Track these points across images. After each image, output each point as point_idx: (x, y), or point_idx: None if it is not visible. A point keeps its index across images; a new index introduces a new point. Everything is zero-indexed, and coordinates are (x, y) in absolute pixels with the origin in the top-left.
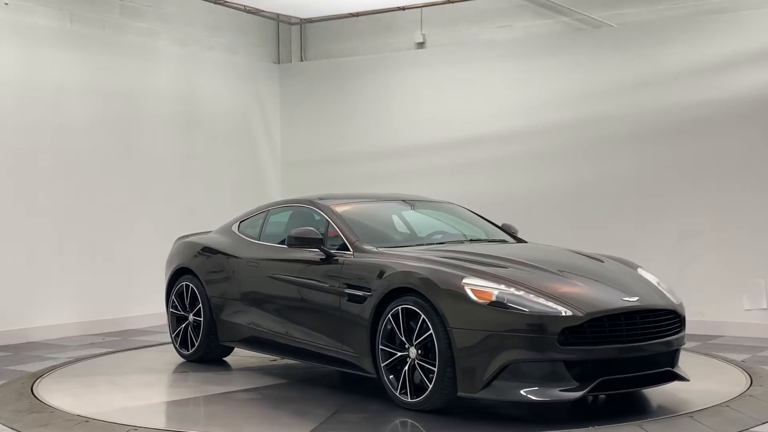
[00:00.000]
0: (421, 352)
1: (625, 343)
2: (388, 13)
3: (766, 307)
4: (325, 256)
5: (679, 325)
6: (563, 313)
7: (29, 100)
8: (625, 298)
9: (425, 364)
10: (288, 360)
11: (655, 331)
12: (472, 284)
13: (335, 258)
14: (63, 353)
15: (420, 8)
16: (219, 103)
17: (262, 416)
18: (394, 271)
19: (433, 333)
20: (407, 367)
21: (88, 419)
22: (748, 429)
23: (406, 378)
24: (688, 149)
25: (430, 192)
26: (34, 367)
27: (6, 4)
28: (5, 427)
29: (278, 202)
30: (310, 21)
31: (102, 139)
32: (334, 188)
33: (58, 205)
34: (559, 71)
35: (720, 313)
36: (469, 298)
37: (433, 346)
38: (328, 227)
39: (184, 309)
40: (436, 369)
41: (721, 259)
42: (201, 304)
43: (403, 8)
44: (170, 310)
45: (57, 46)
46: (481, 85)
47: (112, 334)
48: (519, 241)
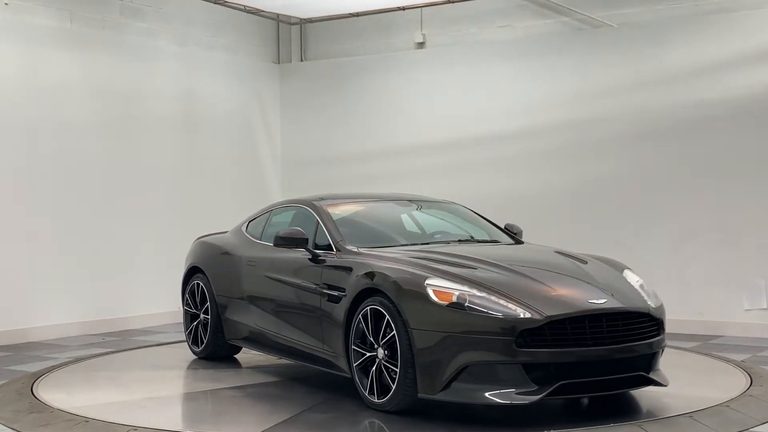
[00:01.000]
0: (387, 352)
1: (590, 347)
2: (388, 13)
3: (766, 307)
4: (312, 256)
5: (657, 329)
6: (521, 316)
7: (29, 100)
8: (592, 301)
9: (390, 365)
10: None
11: (625, 335)
12: (435, 285)
13: (320, 258)
14: (63, 353)
15: (420, 8)
16: (219, 103)
17: (231, 413)
18: (364, 272)
19: (396, 334)
20: (375, 368)
21: (88, 419)
22: (748, 429)
23: (373, 378)
24: (688, 149)
25: (430, 192)
26: (34, 367)
27: (6, 4)
28: (5, 427)
29: (282, 202)
30: (310, 21)
31: (102, 139)
32: (334, 188)
33: (58, 205)
34: (559, 71)
35: (720, 313)
36: (430, 299)
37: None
38: (318, 227)
39: (196, 307)
40: (398, 370)
41: (721, 259)
42: (209, 303)
43: (403, 8)
44: (184, 308)
45: (57, 46)
46: (481, 85)
47: (112, 334)
48: (516, 241)
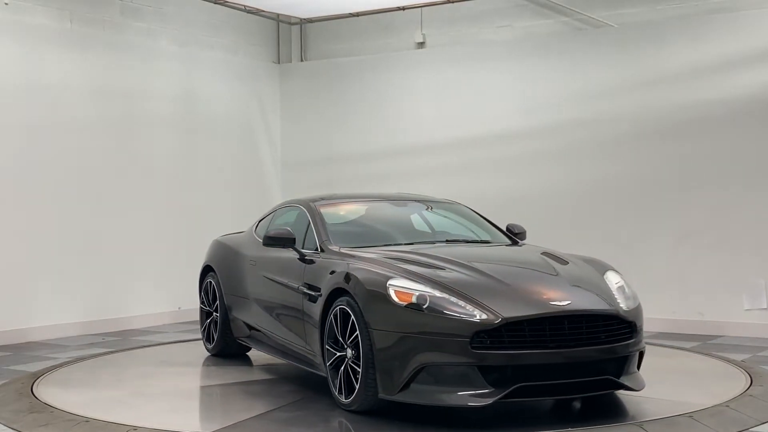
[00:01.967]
0: (354, 352)
1: (550, 349)
2: (388, 13)
3: (766, 307)
4: (299, 256)
5: (629, 332)
6: (477, 317)
7: (29, 100)
8: (554, 303)
9: (356, 366)
10: None
11: (589, 338)
12: (397, 286)
13: (307, 258)
14: (63, 353)
15: (420, 8)
16: (219, 103)
17: (200, 410)
18: (338, 272)
19: (359, 334)
20: (343, 368)
21: (88, 419)
22: (748, 429)
23: (341, 378)
24: (689, 149)
25: (431, 192)
26: (34, 367)
27: (6, 4)
28: (5, 427)
29: (286, 202)
30: (310, 21)
31: (102, 139)
32: (333, 188)
33: (58, 205)
34: (560, 71)
35: (720, 313)
36: (391, 300)
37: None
38: (308, 227)
39: (209, 305)
40: (361, 370)
41: (721, 259)
42: (218, 301)
43: (403, 8)
44: (200, 306)
45: (57, 46)
46: (481, 85)
47: (112, 334)
48: (513, 242)
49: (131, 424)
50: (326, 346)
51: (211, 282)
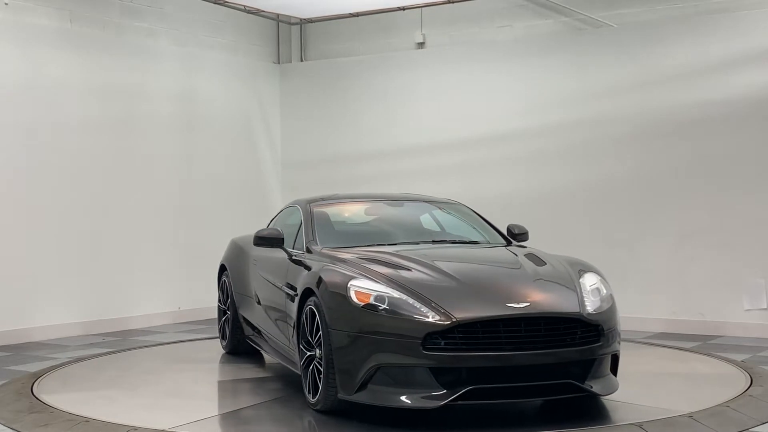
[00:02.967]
0: (320, 352)
1: (505, 351)
2: (388, 13)
3: (766, 307)
4: (288, 256)
5: (596, 336)
6: (429, 318)
7: (29, 100)
8: (511, 305)
9: (320, 365)
10: None
11: (548, 341)
12: (357, 286)
13: (294, 258)
14: (63, 353)
15: (420, 8)
16: (219, 103)
17: (176, 407)
18: (310, 272)
19: (322, 334)
20: (311, 367)
21: (88, 419)
22: (748, 429)
23: (309, 378)
24: (688, 149)
25: (431, 192)
26: (34, 367)
27: (6, 4)
28: (5, 427)
29: (293, 202)
30: (310, 21)
31: (102, 139)
32: (333, 188)
33: (58, 205)
34: (560, 71)
35: (720, 313)
36: (350, 300)
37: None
38: (300, 227)
39: (224, 303)
40: (323, 370)
41: (721, 259)
42: (230, 299)
43: (403, 8)
44: (218, 304)
45: (57, 46)
46: (481, 85)
47: (112, 334)
48: (509, 243)
49: (131, 424)
50: (300, 346)
51: (225, 281)
